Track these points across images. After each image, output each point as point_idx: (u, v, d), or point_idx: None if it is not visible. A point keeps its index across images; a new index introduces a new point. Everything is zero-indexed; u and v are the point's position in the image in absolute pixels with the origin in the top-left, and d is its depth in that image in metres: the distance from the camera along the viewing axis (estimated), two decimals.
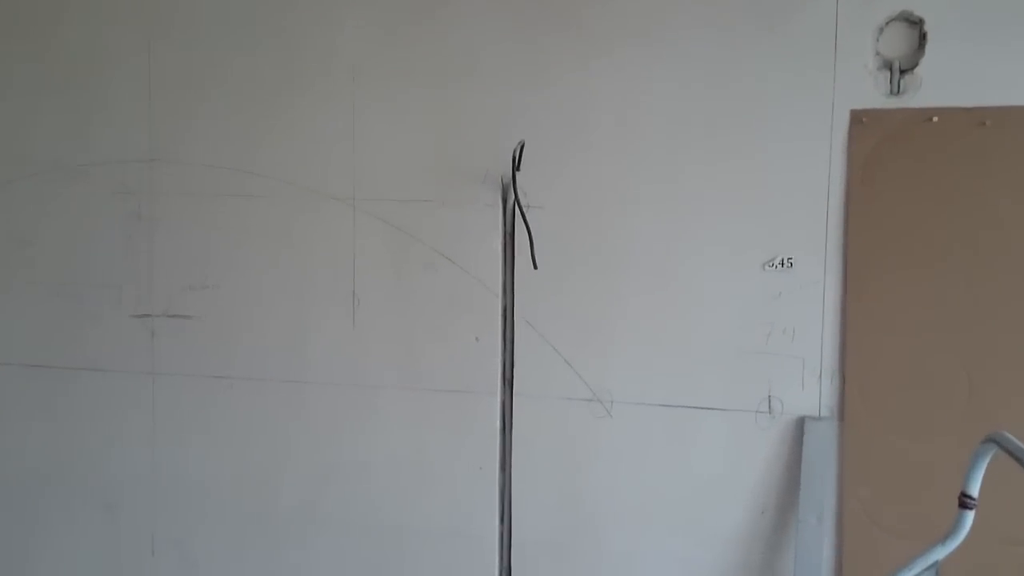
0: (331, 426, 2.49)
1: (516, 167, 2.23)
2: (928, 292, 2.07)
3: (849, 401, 2.14)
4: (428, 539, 2.45)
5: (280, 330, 2.50)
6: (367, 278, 2.45)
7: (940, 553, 1.55)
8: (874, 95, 2.10)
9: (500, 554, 2.41)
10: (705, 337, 2.24)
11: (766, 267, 2.18)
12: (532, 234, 2.27)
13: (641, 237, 2.28)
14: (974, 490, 1.54)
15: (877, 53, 2.10)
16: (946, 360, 2.06)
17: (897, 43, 2.10)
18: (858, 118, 2.10)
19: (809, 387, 2.19)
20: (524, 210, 2.26)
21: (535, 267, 2.28)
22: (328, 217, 2.44)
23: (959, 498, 1.56)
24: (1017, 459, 1.43)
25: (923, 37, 2.09)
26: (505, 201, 2.34)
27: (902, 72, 2.08)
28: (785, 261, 2.17)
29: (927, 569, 1.57)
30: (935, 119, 2.05)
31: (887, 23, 2.11)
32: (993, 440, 1.48)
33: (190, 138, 2.49)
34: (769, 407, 2.20)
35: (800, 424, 2.19)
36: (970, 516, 1.55)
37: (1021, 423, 1.91)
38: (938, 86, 2.07)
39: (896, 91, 2.08)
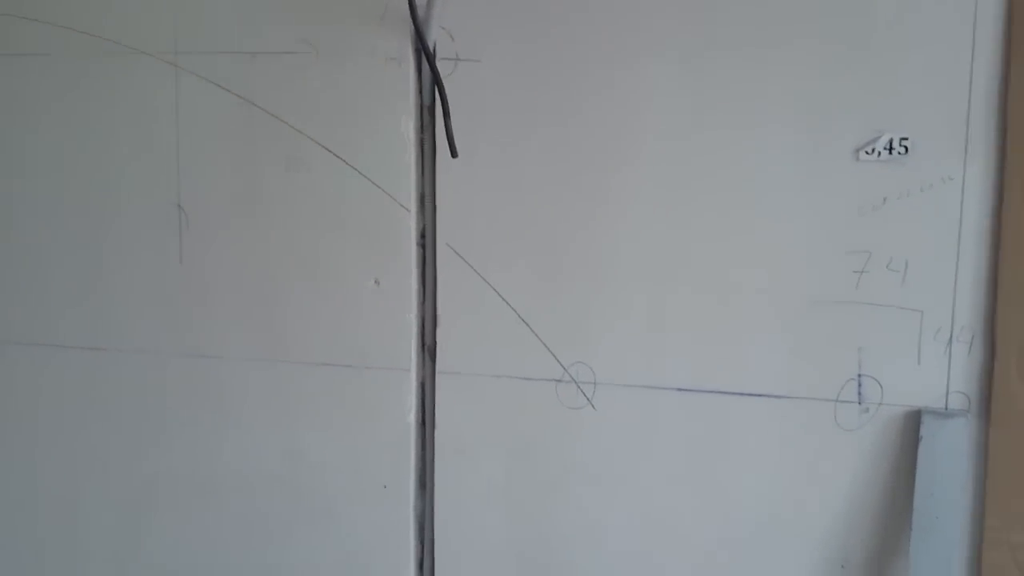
0: (144, 417, 1.78)
1: None
2: None
3: (1001, 385, 1.39)
4: None
5: (66, 266, 1.78)
6: (199, 182, 1.71)
7: None
8: None
9: None
10: (750, 277, 1.48)
11: (861, 154, 1.42)
12: (448, 102, 1.52)
13: (644, 104, 1.50)
14: None
15: None
16: None
17: None
18: None
19: (930, 361, 1.43)
20: (437, 64, 1.54)
21: (454, 154, 1.54)
22: (136, 83, 1.71)
23: None
24: None
25: None
26: (419, 53, 1.58)
27: None
28: (896, 144, 1.40)
29: None
30: None
31: None
32: None
33: None
34: (859, 393, 1.46)
35: (913, 422, 1.44)
36: None
37: None
38: None
39: None
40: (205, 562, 1.79)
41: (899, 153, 1.40)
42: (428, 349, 1.65)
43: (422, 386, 1.67)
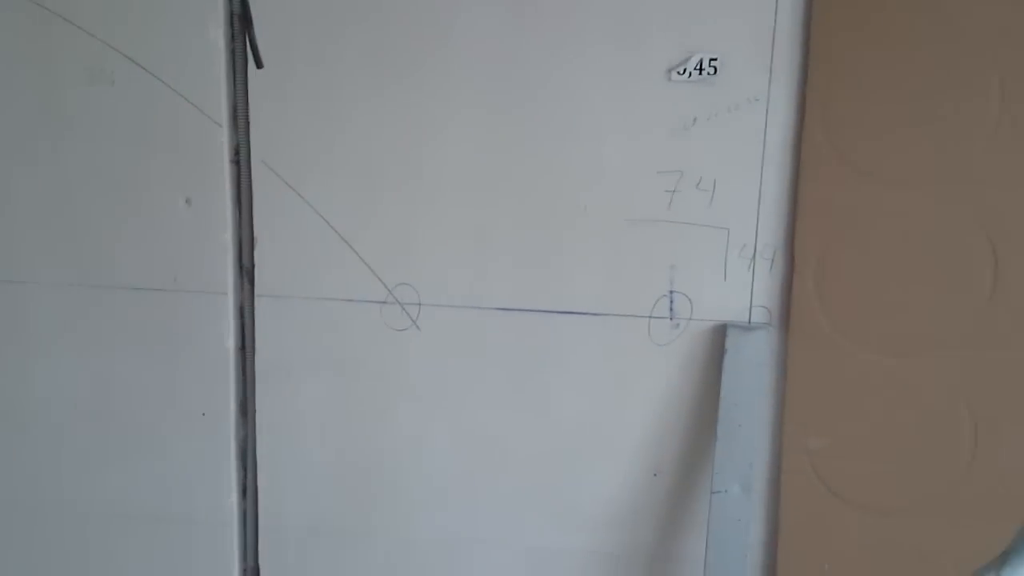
0: None
1: None
2: (943, 122, 1.41)
3: (799, 298, 1.49)
4: (120, 527, 1.72)
5: None
6: None
7: None
8: None
9: (242, 546, 1.71)
10: (568, 195, 1.53)
11: (673, 75, 1.46)
12: (249, 7, 1.50)
13: (462, 20, 1.51)
14: None
15: None
16: (962, 229, 1.41)
17: None
18: None
19: (735, 277, 1.52)
20: None
21: (259, 65, 1.52)
22: None
23: None
24: None
25: None
26: None
27: None
28: (706, 64, 1.45)
29: None
30: None
31: None
32: None
33: None
34: (670, 309, 1.54)
35: (719, 335, 1.53)
36: None
37: None
38: None
39: None
40: (18, 495, 1.74)
41: (708, 74, 1.45)
42: (246, 271, 1.62)
43: (241, 310, 1.64)
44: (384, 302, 1.58)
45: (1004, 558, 0.95)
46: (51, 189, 1.62)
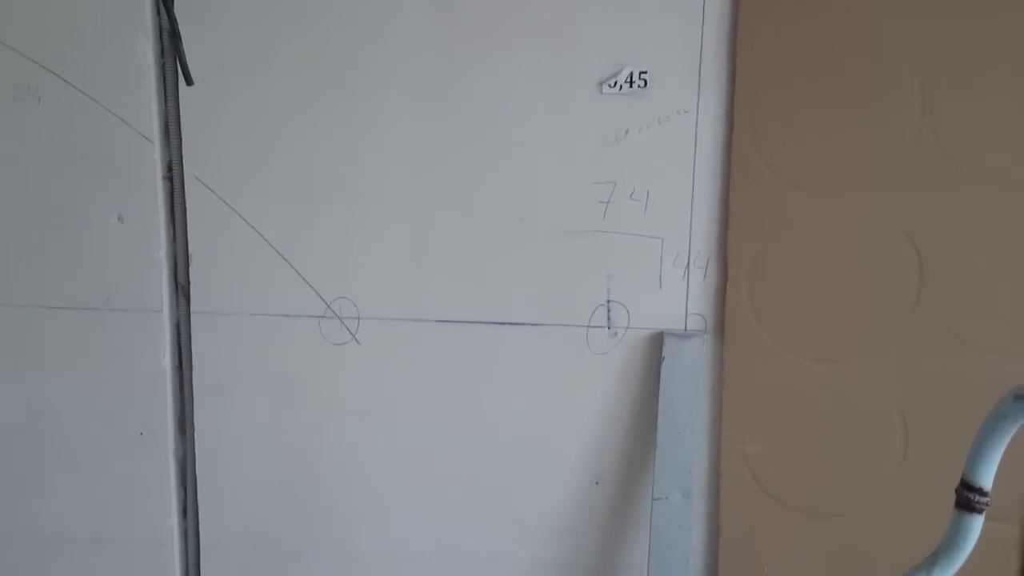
0: None
1: None
2: (867, 130, 1.50)
3: (733, 306, 1.58)
4: (54, 551, 1.76)
5: None
6: None
7: None
8: None
9: (183, 566, 1.76)
10: (504, 207, 1.60)
11: (604, 87, 1.53)
12: (176, 21, 1.55)
13: (391, 32, 1.57)
14: (986, 479, 0.93)
15: None
16: (888, 236, 1.49)
17: None
18: None
19: (670, 285, 1.60)
20: None
21: (188, 81, 1.57)
22: None
23: (958, 492, 0.98)
24: None
25: None
26: None
27: None
28: (636, 77, 1.53)
29: None
30: None
31: None
32: None
33: None
34: (608, 318, 1.61)
35: (656, 343, 1.61)
36: (977, 523, 0.93)
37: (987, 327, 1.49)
38: None
39: None
40: None
41: (639, 86, 1.53)
42: (181, 288, 1.67)
43: (177, 327, 1.68)
44: (323, 316, 1.63)
45: (934, 559, 1.04)
46: None
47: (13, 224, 1.62)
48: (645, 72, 1.50)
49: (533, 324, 1.60)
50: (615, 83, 1.50)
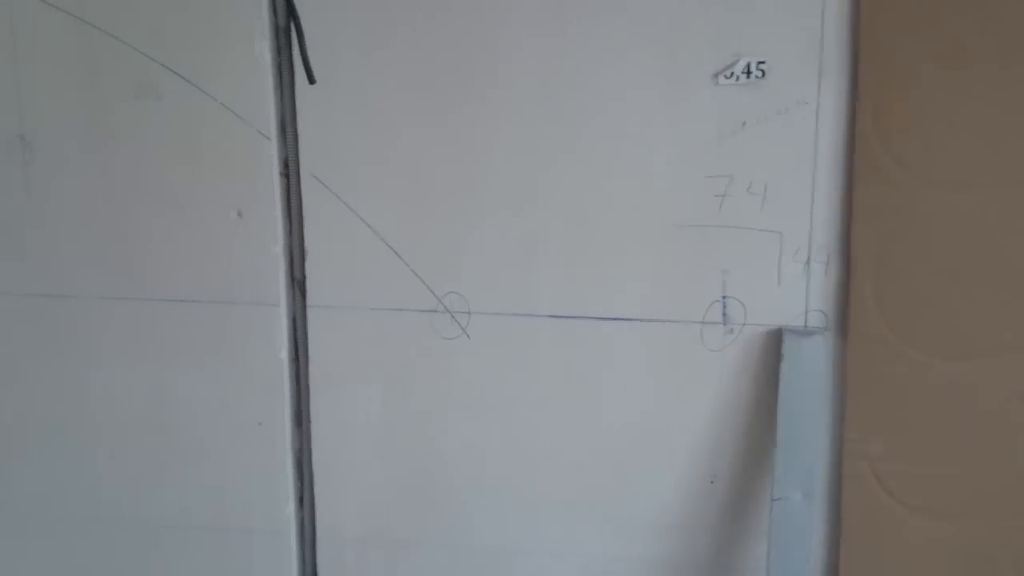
0: (2, 362, 1.84)
1: None
2: (999, 119, 1.46)
3: (856, 302, 1.55)
4: (178, 538, 1.84)
5: None
6: (42, 112, 1.74)
7: None
8: None
9: (300, 555, 1.82)
10: (617, 201, 1.61)
11: (720, 79, 1.53)
12: (301, 22, 1.60)
13: (505, 29, 1.59)
14: None
15: None
16: (1021, 230, 1.48)
17: None
18: None
19: (789, 280, 1.59)
20: None
21: (311, 80, 1.61)
22: None
23: None
24: None
25: None
26: None
27: None
28: (753, 68, 1.52)
29: None
30: None
31: None
32: None
33: None
34: (723, 314, 1.61)
35: (774, 341, 1.60)
36: None
37: None
38: None
39: None
40: (76, 510, 1.87)
41: (756, 77, 1.52)
42: (298, 282, 1.73)
43: (293, 321, 1.75)
44: (434, 311, 1.68)
45: None
46: (100, 201, 1.73)
47: (137, 219, 1.70)
48: (763, 62, 1.49)
49: (646, 320, 1.61)
50: (732, 74, 1.50)
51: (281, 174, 1.67)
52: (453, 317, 1.66)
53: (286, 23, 1.61)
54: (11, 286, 1.78)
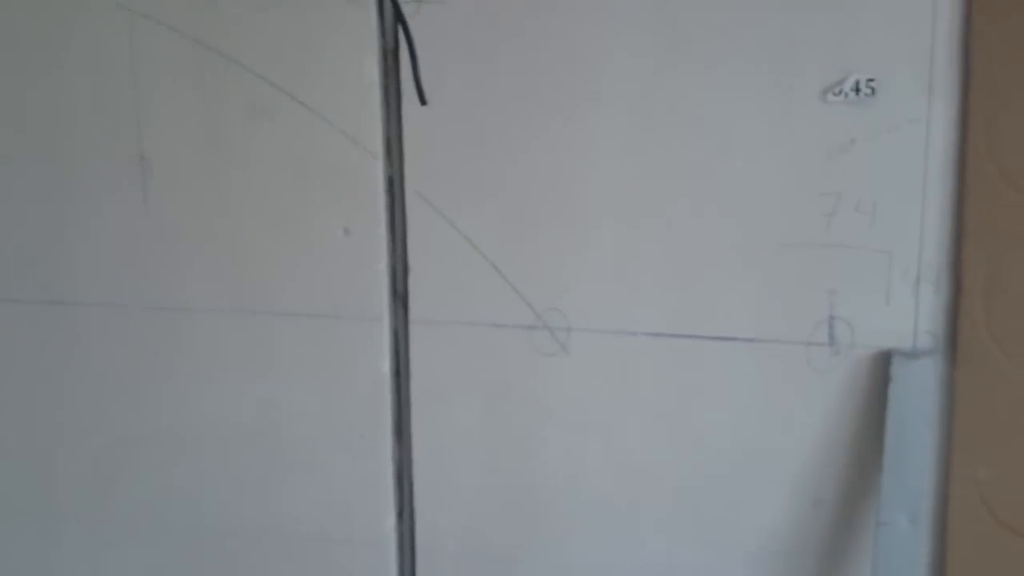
0: (111, 373, 1.92)
1: None
2: None
3: (967, 324, 1.53)
4: (282, 548, 1.90)
5: (27, 221, 1.92)
6: (160, 131, 1.83)
7: None
8: None
9: (400, 567, 1.87)
10: (720, 219, 1.62)
11: (829, 96, 1.53)
12: (415, 46, 1.64)
13: (610, 46, 1.62)
14: None
15: None
16: None
17: None
18: None
19: (899, 301, 1.57)
20: (402, 6, 1.63)
21: (423, 101, 1.66)
22: (89, 30, 1.82)
23: None
24: None
25: None
26: None
27: None
28: (863, 86, 1.51)
29: None
30: None
31: None
32: None
33: None
34: (830, 335, 1.60)
35: (883, 362, 1.58)
36: None
37: None
38: None
39: None
40: (184, 518, 1.94)
41: (866, 95, 1.53)
42: (400, 298, 1.79)
43: (395, 335, 1.80)
44: (533, 327, 1.71)
45: None
46: (214, 217, 1.81)
47: (250, 235, 1.77)
48: (872, 80, 1.50)
49: (750, 340, 1.62)
50: (840, 91, 1.51)
51: (386, 192, 1.73)
52: (552, 333, 1.69)
53: (394, 46, 1.67)
54: (129, 299, 1.87)
